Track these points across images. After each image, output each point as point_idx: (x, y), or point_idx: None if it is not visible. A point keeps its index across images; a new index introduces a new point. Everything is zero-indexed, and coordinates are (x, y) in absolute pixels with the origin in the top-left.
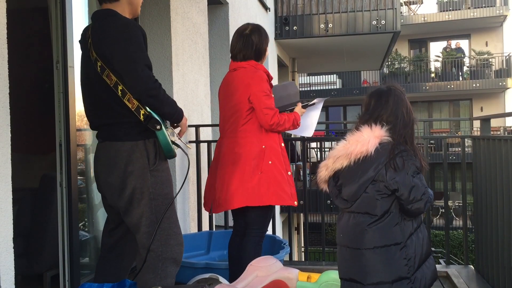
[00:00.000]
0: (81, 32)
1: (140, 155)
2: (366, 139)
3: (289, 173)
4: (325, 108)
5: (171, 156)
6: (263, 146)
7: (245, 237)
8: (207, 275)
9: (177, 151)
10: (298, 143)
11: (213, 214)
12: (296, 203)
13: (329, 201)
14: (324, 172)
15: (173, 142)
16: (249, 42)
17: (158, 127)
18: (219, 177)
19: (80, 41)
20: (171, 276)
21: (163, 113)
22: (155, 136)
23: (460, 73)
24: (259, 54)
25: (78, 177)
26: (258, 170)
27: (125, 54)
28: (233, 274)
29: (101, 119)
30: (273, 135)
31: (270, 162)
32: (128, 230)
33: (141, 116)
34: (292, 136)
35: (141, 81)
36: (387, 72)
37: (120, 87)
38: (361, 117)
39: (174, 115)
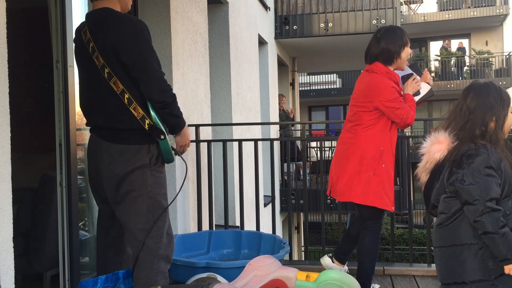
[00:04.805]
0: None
1: (143, 156)
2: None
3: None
4: (325, 108)
5: (170, 161)
6: (381, 149)
7: (362, 231)
8: (205, 275)
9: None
10: (298, 142)
11: (213, 213)
12: (393, 208)
13: (329, 201)
14: (425, 177)
15: (172, 148)
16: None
17: (162, 136)
18: (338, 168)
19: (74, 41)
20: (164, 272)
21: (173, 115)
22: (157, 142)
23: (461, 72)
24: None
25: (78, 177)
26: (371, 170)
27: (140, 55)
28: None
29: (104, 122)
30: (392, 137)
31: (383, 165)
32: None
33: (146, 126)
34: None
35: (155, 81)
36: None
37: (126, 95)
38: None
39: (179, 120)
